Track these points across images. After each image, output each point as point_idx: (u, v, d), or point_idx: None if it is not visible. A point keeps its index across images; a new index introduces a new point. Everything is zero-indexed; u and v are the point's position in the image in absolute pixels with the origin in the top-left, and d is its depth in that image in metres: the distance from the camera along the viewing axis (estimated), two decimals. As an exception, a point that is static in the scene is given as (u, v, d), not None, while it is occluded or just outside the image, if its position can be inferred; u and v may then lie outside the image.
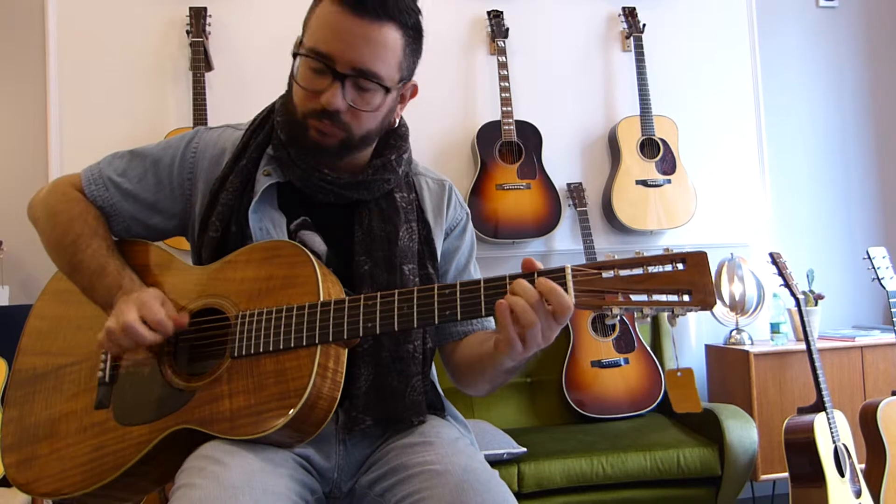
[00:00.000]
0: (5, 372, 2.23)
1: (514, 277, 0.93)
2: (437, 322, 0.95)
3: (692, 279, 0.88)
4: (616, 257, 0.92)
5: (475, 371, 1.14)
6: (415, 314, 0.96)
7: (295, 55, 1.10)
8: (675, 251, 0.90)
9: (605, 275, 0.89)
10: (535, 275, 0.92)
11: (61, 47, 2.76)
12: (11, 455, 1.13)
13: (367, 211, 1.17)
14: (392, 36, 1.06)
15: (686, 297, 0.87)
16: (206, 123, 2.64)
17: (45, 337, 1.20)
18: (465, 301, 0.94)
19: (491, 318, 1.17)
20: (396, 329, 0.97)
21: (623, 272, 0.89)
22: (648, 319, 0.88)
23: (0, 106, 2.75)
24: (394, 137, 1.19)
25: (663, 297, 0.88)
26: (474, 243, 1.31)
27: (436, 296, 0.95)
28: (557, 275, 0.91)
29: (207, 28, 2.74)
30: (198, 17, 2.72)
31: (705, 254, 0.89)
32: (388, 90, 1.08)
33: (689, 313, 0.89)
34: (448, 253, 1.27)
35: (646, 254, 0.91)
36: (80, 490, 1.06)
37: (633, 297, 0.88)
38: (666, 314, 0.90)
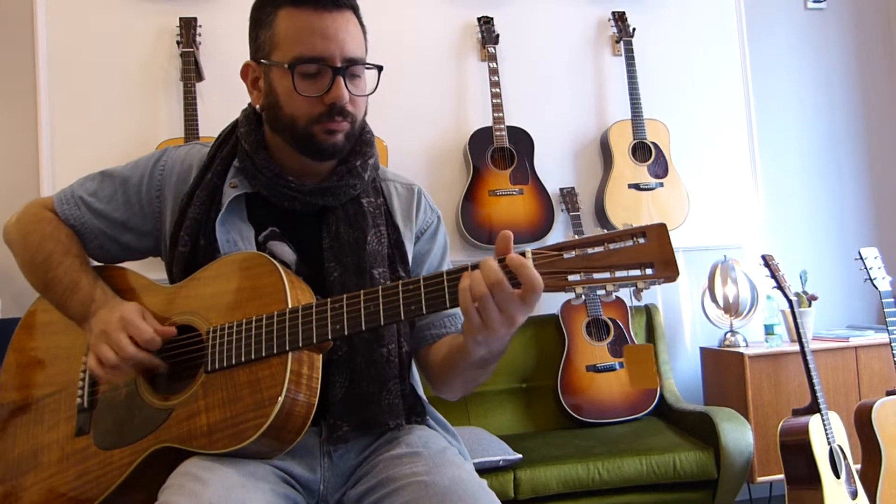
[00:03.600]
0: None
1: (475, 267, 0.92)
2: (403, 317, 0.95)
3: (653, 252, 0.87)
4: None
5: (447, 368, 1.15)
6: (381, 312, 0.96)
7: (256, 66, 1.15)
8: (636, 226, 0.89)
9: (566, 255, 0.89)
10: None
11: (51, 59, 2.75)
12: None
13: (334, 217, 1.17)
14: (353, 20, 1.12)
15: (649, 271, 0.87)
16: (197, 134, 2.64)
17: (23, 370, 1.20)
18: (430, 294, 0.94)
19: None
20: (364, 328, 0.96)
21: (584, 251, 0.88)
22: (613, 297, 0.88)
23: (-9, 119, 2.75)
24: (359, 143, 1.20)
25: (626, 273, 0.87)
26: (447, 245, 1.32)
27: (400, 292, 0.95)
28: None
29: (198, 38, 2.74)
30: (188, 28, 2.72)
31: (664, 225, 0.88)
32: (379, 69, 1.14)
33: (652, 287, 0.88)
34: (420, 256, 1.27)
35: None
36: None
37: (596, 276, 0.88)
38: (630, 290, 0.89)
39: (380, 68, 1.14)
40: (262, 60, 1.13)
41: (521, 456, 2.23)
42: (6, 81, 2.75)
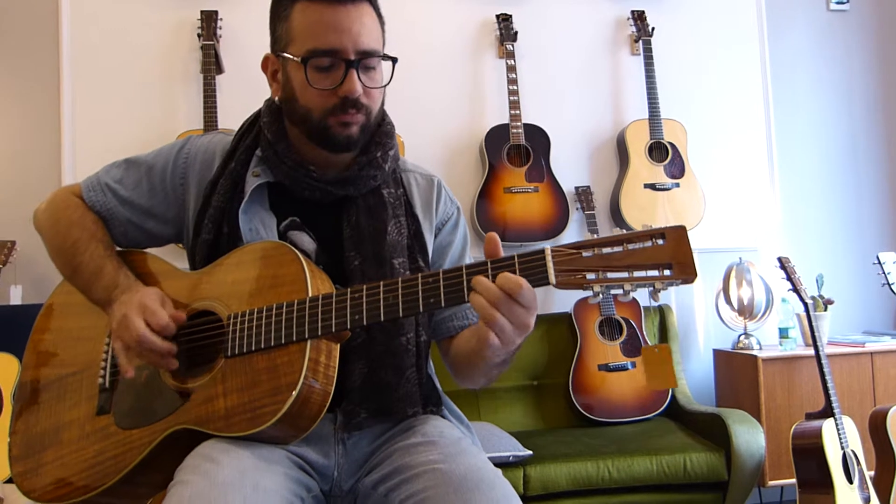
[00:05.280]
0: (17, 369, 2.26)
1: (495, 263, 0.93)
2: (422, 310, 0.96)
3: (672, 253, 0.87)
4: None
5: (469, 365, 1.16)
6: (400, 303, 0.97)
7: (275, 59, 1.16)
8: (655, 227, 0.90)
9: (585, 254, 0.89)
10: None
11: (74, 51, 2.79)
12: (19, 465, 1.16)
13: (354, 207, 1.19)
14: (369, 11, 1.12)
15: (667, 272, 0.87)
16: (216, 126, 2.66)
17: (48, 350, 1.23)
18: (449, 288, 0.95)
19: None
20: (383, 319, 0.97)
21: (603, 250, 0.89)
22: (630, 297, 0.90)
23: (14, 109, 2.79)
24: (379, 135, 1.21)
25: (644, 273, 0.88)
26: (467, 236, 1.33)
27: (419, 284, 0.96)
28: (537, 257, 0.91)
29: (218, 31, 2.77)
30: (209, 21, 2.75)
31: (684, 227, 0.89)
32: (394, 60, 1.14)
33: (671, 288, 0.89)
34: (441, 248, 1.28)
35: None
36: (83, 495, 1.09)
37: (614, 275, 0.89)
38: (648, 290, 0.90)
39: (394, 60, 1.14)
40: (280, 53, 1.14)
41: (531, 452, 2.24)
42: (30, 74, 2.79)
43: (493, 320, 0.91)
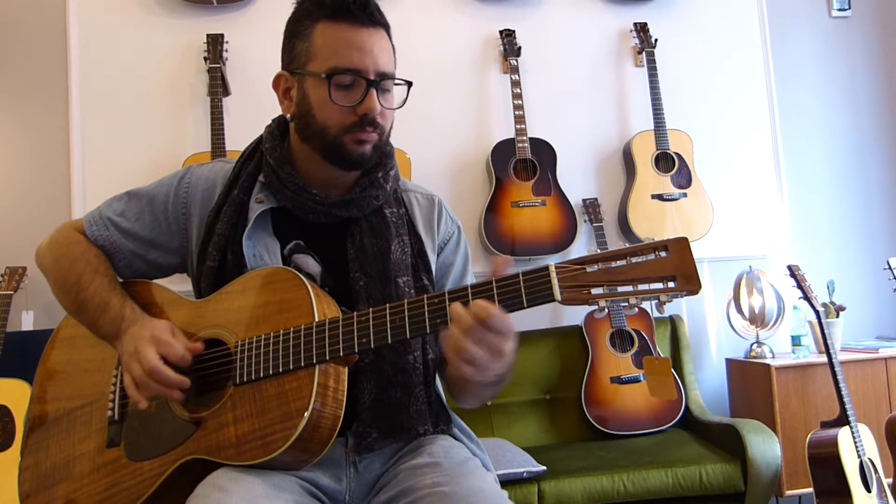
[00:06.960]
0: (30, 395, 2.27)
1: (500, 282, 0.94)
2: (428, 331, 0.97)
3: (676, 265, 0.88)
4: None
5: (460, 386, 1.17)
6: (407, 325, 0.97)
7: (289, 76, 1.18)
8: (657, 240, 0.90)
9: (589, 269, 0.90)
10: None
11: (83, 77, 2.83)
12: (30, 501, 1.16)
13: (358, 228, 1.20)
14: (386, 38, 1.17)
15: (671, 284, 0.88)
16: (224, 148, 2.68)
17: (56, 383, 1.23)
18: None
19: None
20: (390, 341, 0.98)
21: (607, 265, 0.90)
22: (636, 310, 0.91)
23: (23, 136, 2.82)
24: (379, 155, 1.22)
25: (648, 286, 0.89)
26: (469, 254, 1.35)
27: (426, 305, 0.97)
28: (542, 274, 0.91)
29: (224, 54, 2.80)
30: (215, 44, 2.78)
31: (686, 239, 0.90)
32: (409, 84, 1.18)
33: (675, 300, 0.89)
34: (444, 267, 1.30)
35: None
36: None
37: (619, 289, 0.89)
38: (653, 303, 0.91)
39: (409, 84, 1.18)
40: (297, 70, 1.16)
41: (545, 468, 2.22)
42: (39, 100, 2.82)
43: (463, 349, 0.93)
